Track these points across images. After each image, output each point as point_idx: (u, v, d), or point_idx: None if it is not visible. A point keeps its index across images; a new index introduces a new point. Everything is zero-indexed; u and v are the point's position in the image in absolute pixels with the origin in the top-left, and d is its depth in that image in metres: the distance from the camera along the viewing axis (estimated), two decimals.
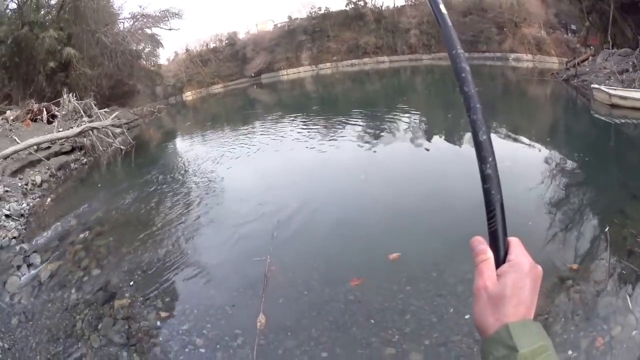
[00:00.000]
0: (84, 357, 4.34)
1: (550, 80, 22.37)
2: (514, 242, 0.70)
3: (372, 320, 4.28)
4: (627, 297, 4.27)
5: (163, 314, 4.89)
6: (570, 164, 8.91)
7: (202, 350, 4.23)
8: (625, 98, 13.40)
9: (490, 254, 0.68)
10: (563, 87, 20.13)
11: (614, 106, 13.61)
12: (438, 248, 5.49)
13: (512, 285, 0.65)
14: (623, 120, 12.28)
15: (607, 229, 5.29)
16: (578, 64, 21.44)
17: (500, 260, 0.68)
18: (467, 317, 4.20)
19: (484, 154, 0.68)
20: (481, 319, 0.66)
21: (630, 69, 16.52)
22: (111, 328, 4.72)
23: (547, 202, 6.80)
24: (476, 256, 0.69)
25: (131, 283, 5.71)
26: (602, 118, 13.10)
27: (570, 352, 3.66)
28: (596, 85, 15.47)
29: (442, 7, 0.74)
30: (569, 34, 30.65)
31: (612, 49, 18.90)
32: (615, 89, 14.32)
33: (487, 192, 0.68)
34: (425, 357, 3.79)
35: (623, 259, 4.84)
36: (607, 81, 16.30)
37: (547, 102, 19.49)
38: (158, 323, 4.74)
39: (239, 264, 5.92)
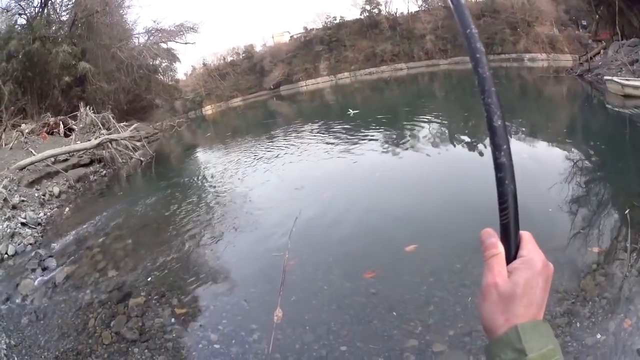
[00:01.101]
0: (94, 354, 4.27)
1: (565, 77, 22.36)
2: (527, 237, 0.66)
3: (394, 313, 4.15)
4: None
5: (178, 311, 4.81)
6: (587, 154, 8.82)
7: (217, 346, 4.14)
8: (637, 87, 13.32)
9: (501, 248, 0.63)
10: (578, 83, 20.02)
11: (627, 96, 13.54)
12: (461, 241, 5.36)
13: (524, 283, 0.61)
14: (637, 110, 12.14)
15: (627, 211, 5.13)
16: (590, 58, 21.33)
17: (511, 256, 0.64)
18: None
19: (498, 140, 0.63)
20: (490, 317, 0.62)
21: None
22: (124, 325, 4.67)
23: (567, 189, 6.71)
24: (486, 250, 0.64)
25: (147, 282, 5.67)
26: (616, 109, 13.06)
27: (599, 336, 3.52)
28: (609, 77, 15.36)
29: None
30: (580, 30, 30.50)
31: (622, 40, 18.67)
32: (627, 80, 14.23)
33: (500, 182, 0.63)
34: (450, 347, 3.65)
35: None
36: (619, 73, 16.20)
37: (564, 98, 19.34)
38: (172, 320, 4.66)
39: (257, 261, 5.88)
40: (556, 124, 13.27)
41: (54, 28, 24.67)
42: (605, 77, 15.78)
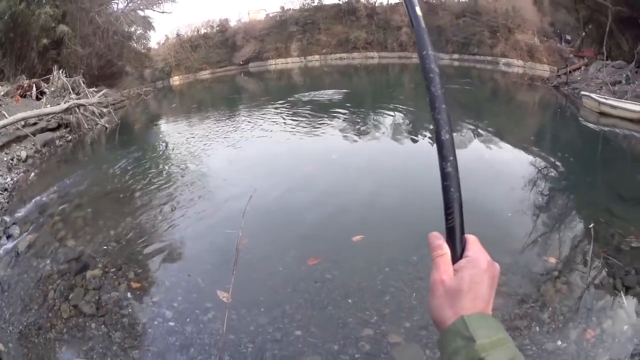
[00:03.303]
0: (54, 329, 4.18)
1: (540, 86, 22.44)
2: (472, 239, 0.70)
3: (349, 300, 4.17)
4: (616, 292, 4.25)
5: (134, 285, 4.75)
6: (557, 166, 8.95)
7: (172, 323, 4.08)
8: (615, 107, 13.53)
9: (447, 249, 0.68)
10: (552, 94, 20.23)
11: (602, 114, 13.77)
12: (419, 233, 5.41)
13: (469, 279, 0.64)
14: (611, 129, 12.43)
15: (592, 225, 5.27)
16: (570, 72, 21.58)
17: (457, 256, 0.68)
18: None
19: (445, 152, 0.69)
20: (438, 312, 0.65)
21: (624, 81, 16.66)
22: (82, 298, 4.59)
23: (533, 197, 6.88)
24: (433, 251, 0.69)
25: (104, 254, 5.58)
26: (590, 125, 13.27)
27: (559, 342, 3.60)
28: (586, 93, 15.60)
29: (417, 9, 0.77)
30: (563, 44, 30.85)
31: (607, 60, 19.05)
32: (606, 98, 14.45)
33: (446, 190, 0.69)
34: (406, 339, 3.69)
35: (610, 255, 4.83)
36: (598, 91, 16.35)
37: (536, 106, 19.63)
38: (128, 294, 4.59)
39: (212, 238, 5.87)
40: (526, 132, 13.46)
41: None
42: (582, 92, 16.03)
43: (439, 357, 2.97)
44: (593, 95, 14.98)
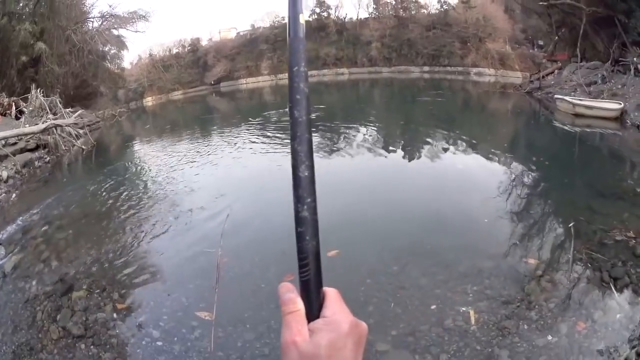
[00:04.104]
0: (45, 349, 4.19)
1: (513, 93, 22.71)
2: (332, 295, 0.60)
3: None
4: (603, 284, 4.37)
5: (120, 306, 4.74)
6: (533, 170, 9.16)
7: (159, 343, 4.06)
8: (590, 107, 13.87)
9: (300, 305, 0.57)
10: (525, 100, 20.52)
11: (577, 116, 14.12)
12: (397, 245, 5.53)
13: (327, 345, 0.54)
14: (587, 129, 12.74)
15: (572, 224, 5.43)
16: (543, 77, 21.99)
17: (313, 314, 0.58)
18: (433, 307, 4.20)
19: (301, 192, 0.59)
20: None
21: (599, 81, 17.07)
22: (69, 319, 4.59)
23: (509, 205, 6.98)
24: (283, 305, 0.58)
25: (88, 274, 5.58)
26: (566, 127, 13.54)
27: (550, 337, 3.68)
28: (560, 96, 15.97)
29: (301, 17, 0.63)
30: (535, 49, 31.42)
31: (581, 62, 19.50)
32: (580, 99, 14.82)
33: (300, 237, 0.59)
34: (393, 347, 3.72)
35: (594, 250, 4.98)
36: (572, 93, 16.78)
37: (508, 112, 19.84)
38: (114, 315, 4.58)
39: (193, 257, 5.88)
40: (499, 137, 13.75)
41: (21, 4, 23.75)
42: (556, 96, 16.42)
43: None
44: (567, 97, 15.35)
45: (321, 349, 0.54)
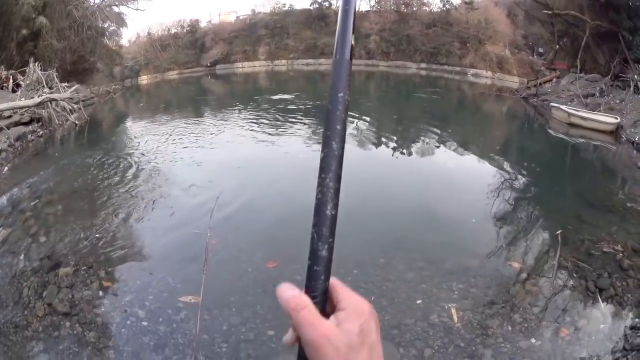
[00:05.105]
0: (30, 327, 4.15)
1: (509, 97, 22.72)
2: (338, 284, 0.59)
3: None
4: (589, 293, 4.44)
5: (105, 284, 4.71)
6: (524, 175, 9.21)
7: (145, 323, 4.06)
8: (585, 119, 13.91)
9: (308, 300, 0.55)
10: (520, 105, 20.54)
11: (572, 125, 14.15)
12: (384, 238, 5.56)
13: (359, 331, 0.53)
14: (581, 140, 12.79)
15: (559, 232, 5.48)
16: (541, 84, 22.01)
17: (323, 309, 0.56)
18: (419, 302, 4.24)
19: (324, 230, 0.57)
20: None
21: (597, 94, 17.15)
22: (55, 296, 4.55)
23: (498, 207, 7.03)
24: (291, 304, 0.54)
25: (75, 251, 5.53)
26: (559, 135, 13.61)
27: (533, 340, 3.73)
28: (556, 104, 15.99)
29: (352, 37, 0.58)
30: (535, 56, 31.45)
31: (580, 73, 19.60)
32: (576, 110, 14.85)
33: (314, 276, 0.56)
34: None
35: (581, 259, 5.05)
36: (569, 103, 16.79)
37: (503, 115, 19.93)
38: (100, 293, 4.56)
39: (181, 238, 5.89)
40: (492, 139, 13.81)
41: None
42: (552, 104, 16.43)
43: (414, 355, 3.08)
44: (563, 106, 15.36)
45: (355, 336, 0.53)
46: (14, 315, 4.32)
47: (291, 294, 0.55)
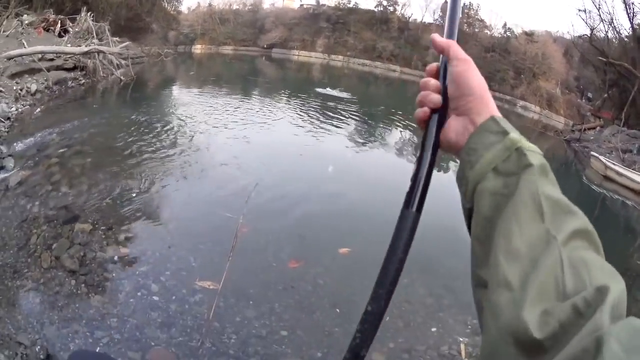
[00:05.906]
0: (31, 276, 3.99)
1: (552, 136, 22.62)
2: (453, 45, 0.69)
3: (337, 310, 4.08)
4: None
5: (122, 250, 4.57)
6: None
7: (156, 297, 3.92)
8: (620, 175, 13.59)
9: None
10: (562, 147, 20.29)
11: (606, 178, 13.87)
12: (410, 258, 5.36)
13: (480, 80, 0.68)
14: (612, 195, 12.53)
15: None
16: (585, 130, 21.73)
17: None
18: (433, 329, 4.09)
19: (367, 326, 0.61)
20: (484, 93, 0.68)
21: (635, 151, 16.75)
22: (65, 251, 4.38)
23: None
24: (443, 44, 0.69)
25: (97, 209, 5.39)
26: (593, 186, 13.35)
27: None
28: (596, 154, 15.67)
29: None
30: (583, 100, 31.04)
31: (623, 127, 19.14)
32: (614, 163, 14.52)
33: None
34: (388, 359, 3.63)
35: None
36: (607, 155, 16.50)
37: (543, 153, 19.64)
38: (115, 257, 4.41)
39: (210, 218, 5.70)
40: None
41: None
42: (592, 153, 16.18)
43: None
44: (602, 158, 15.03)
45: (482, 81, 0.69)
46: (15, 260, 4.17)
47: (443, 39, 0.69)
